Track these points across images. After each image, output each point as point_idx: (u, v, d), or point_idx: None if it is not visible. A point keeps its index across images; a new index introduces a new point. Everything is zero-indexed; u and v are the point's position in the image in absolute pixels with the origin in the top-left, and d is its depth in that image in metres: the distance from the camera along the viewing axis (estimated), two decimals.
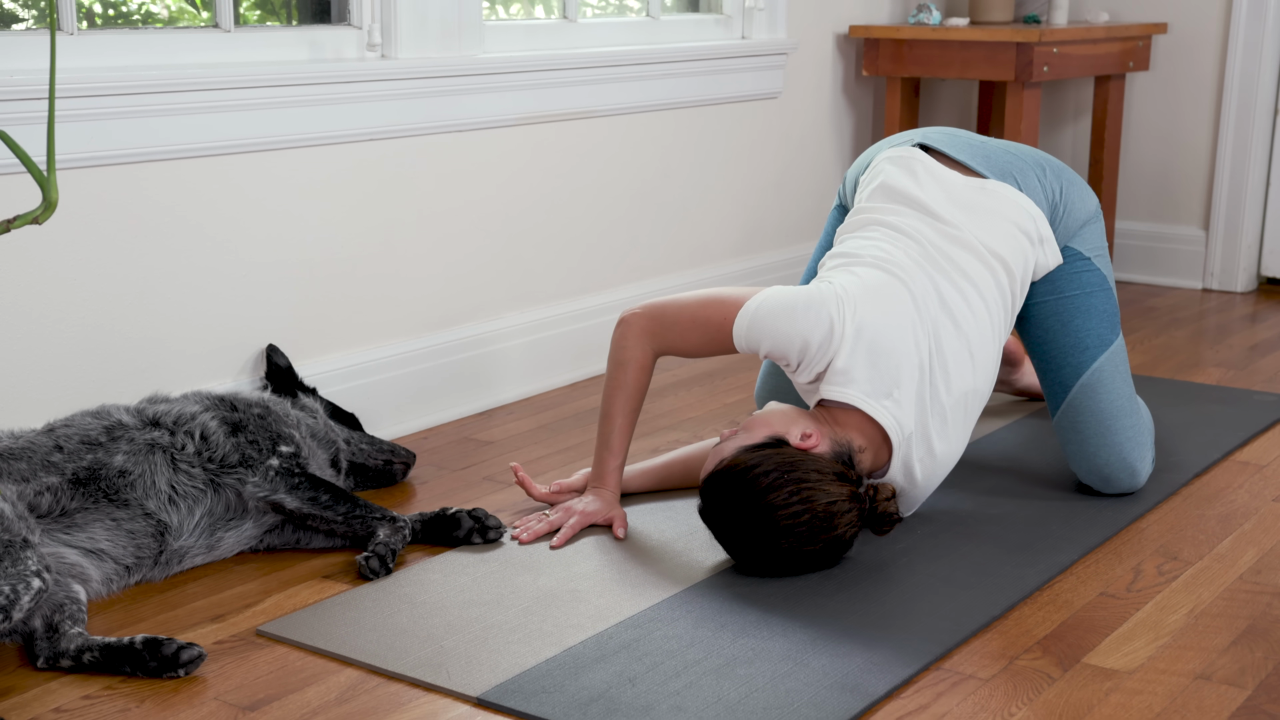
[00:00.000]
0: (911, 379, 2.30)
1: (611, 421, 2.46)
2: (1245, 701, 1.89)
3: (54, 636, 1.99)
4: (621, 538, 2.41)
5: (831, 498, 2.19)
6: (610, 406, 2.46)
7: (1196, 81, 4.38)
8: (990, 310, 2.42)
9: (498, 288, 3.22)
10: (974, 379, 2.38)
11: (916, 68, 4.08)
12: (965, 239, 2.44)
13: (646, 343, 2.45)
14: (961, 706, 1.87)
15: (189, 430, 2.32)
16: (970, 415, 2.40)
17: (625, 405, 2.45)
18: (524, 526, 2.42)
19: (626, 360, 2.45)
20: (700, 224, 3.78)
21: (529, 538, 2.39)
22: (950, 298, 2.38)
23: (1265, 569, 2.31)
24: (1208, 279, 4.43)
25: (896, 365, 2.29)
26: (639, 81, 3.48)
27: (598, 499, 2.46)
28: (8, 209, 2.34)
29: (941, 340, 2.35)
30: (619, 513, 2.46)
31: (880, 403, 2.28)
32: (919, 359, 2.31)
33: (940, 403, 2.34)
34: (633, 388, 2.45)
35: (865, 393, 2.28)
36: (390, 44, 2.92)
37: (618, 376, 2.46)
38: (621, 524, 2.43)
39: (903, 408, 2.29)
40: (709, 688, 1.90)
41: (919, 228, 2.45)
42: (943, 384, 2.34)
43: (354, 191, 2.88)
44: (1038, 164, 2.61)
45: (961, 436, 2.39)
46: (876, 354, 2.28)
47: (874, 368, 2.28)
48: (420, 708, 1.88)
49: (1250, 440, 2.95)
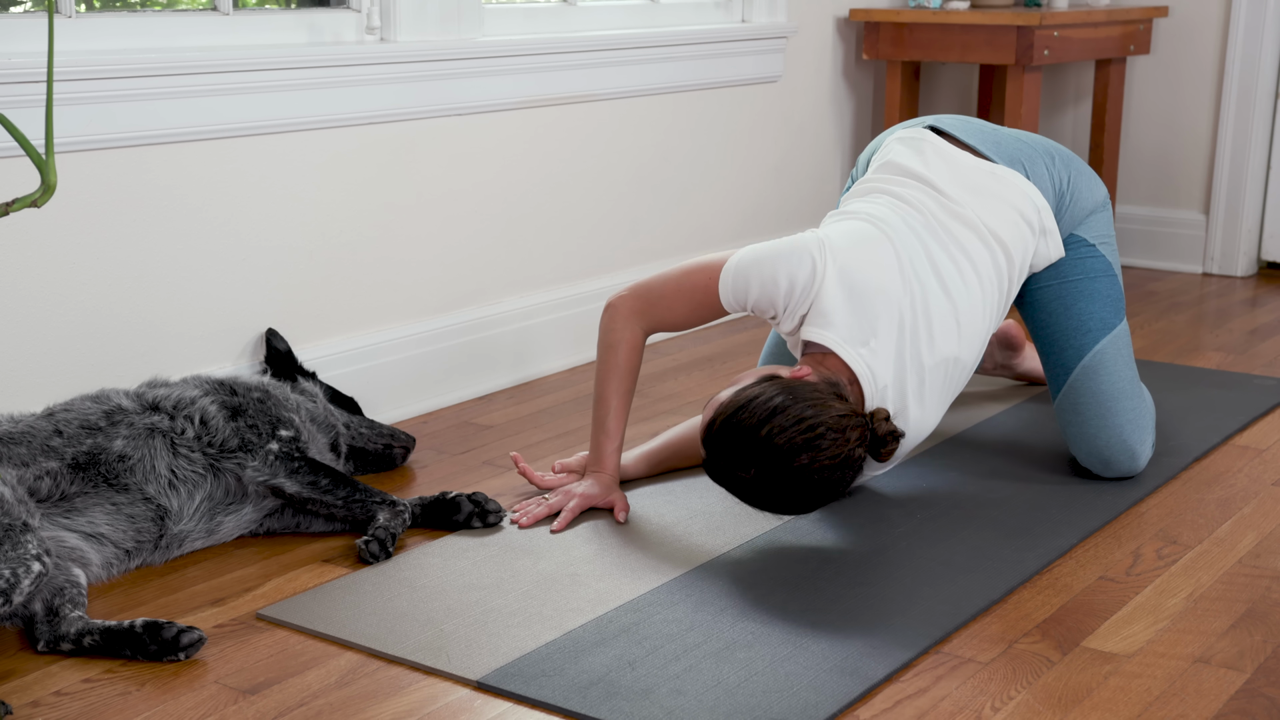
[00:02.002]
0: (890, 331, 2.31)
1: (606, 404, 2.46)
2: (1244, 685, 1.89)
3: (54, 620, 1.99)
4: (623, 521, 2.41)
5: (839, 411, 2.19)
6: (604, 389, 2.46)
7: (1197, 65, 4.37)
8: (984, 288, 2.41)
9: (497, 272, 3.21)
10: (958, 347, 2.37)
11: (917, 51, 4.08)
12: (967, 216, 2.45)
13: (635, 322, 2.45)
14: (961, 690, 1.88)
15: (189, 415, 2.32)
16: (950, 385, 2.39)
17: (619, 387, 2.45)
18: (523, 511, 2.42)
19: (616, 342, 2.45)
20: (700, 208, 3.77)
21: (529, 522, 2.39)
22: (942, 263, 2.39)
23: (1264, 553, 2.31)
24: (1208, 263, 4.43)
25: (874, 313, 2.30)
26: (639, 65, 3.47)
27: (597, 482, 2.46)
28: (6, 192, 2.33)
29: (929, 301, 2.35)
30: (619, 496, 2.46)
31: (856, 349, 2.29)
32: (899, 313, 2.31)
33: (921, 362, 2.33)
34: (625, 369, 2.45)
35: (843, 337, 2.29)
36: (389, 27, 2.91)
37: (609, 359, 2.46)
38: (623, 507, 2.43)
39: (879, 357, 2.29)
40: (708, 671, 1.91)
41: (922, 199, 2.47)
42: (925, 344, 2.33)
43: (353, 175, 2.87)
44: (1047, 153, 2.63)
45: (937, 405, 2.38)
46: (855, 297, 2.30)
47: (852, 313, 2.29)
48: (420, 691, 1.88)
49: (1250, 424, 2.95)
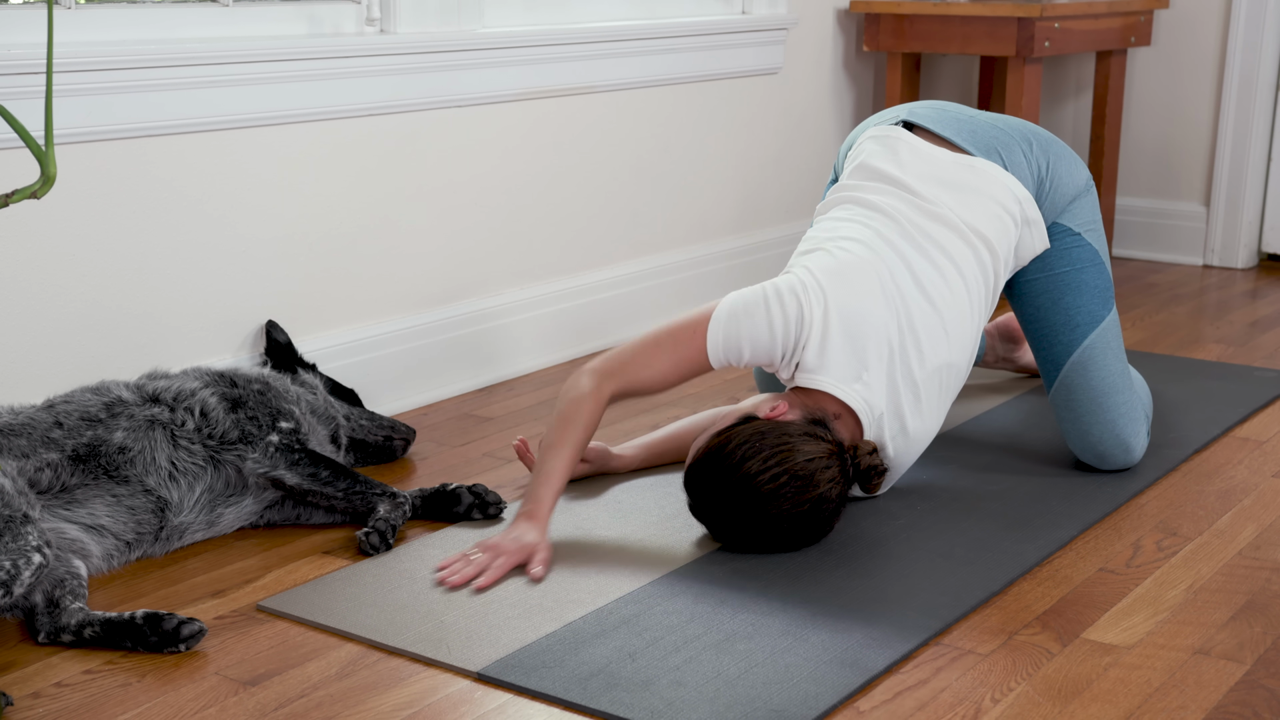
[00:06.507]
0: (880, 359, 2.30)
1: (556, 451, 2.26)
2: (1244, 676, 1.89)
3: (55, 611, 1.99)
4: (539, 577, 2.16)
5: (808, 455, 2.19)
6: (557, 436, 2.27)
7: (1198, 56, 4.37)
8: (969, 287, 2.40)
9: (497, 263, 3.21)
10: (949, 353, 2.37)
11: (917, 43, 4.07)
12: (944, 215, 2.42)
13: (603, 381, 2.30)
14: (960, 681, 1.88)
15: (189, 406, 2.32)
16: (946, 391, 2.39)
17: (574, 437, 2.27)
18: (451, 569, 2.17)
19: (580, 397, 2.28)
20: (699, 199, 3.77)
21: (459, 580, 2.14)
22: (923, 272, 2.37)
23: (1264, 544, 2.31)
24: (1208, 255, 4.43)
25: (864, 346, 2.28)
26: (639, 57, 3.47)
27: (528, 531, 2.22)
28: (6, 184, 2.33)
29: (913, 315, 2.34)
30: (545, 547, 2.22)
31: (851, 386, 2.28)
32: (886, 337, 2.30)
33: (913, 377, 2.33)
34: (585, 422, 2.28)
35: (837, 378, 2.28)
36: (389, 18, 2.91)
37: (568, 410, 2.28)
38: (543, 561, 2.19)
39: (872, 390, 2.29)
40: (708, 663, 1.91)
41: (895, 204, 2.44)
42: (915, 358, 2.33)
43: (353, 167, 2.87)
44: (1024, 138, 2.58)
45: (936, 413, 2.39)
46: (845, 336, 2.28)
47: (842, 351, 2.28)
48: (420, 683, 1.88)
49: (1250, 416, 2.95)
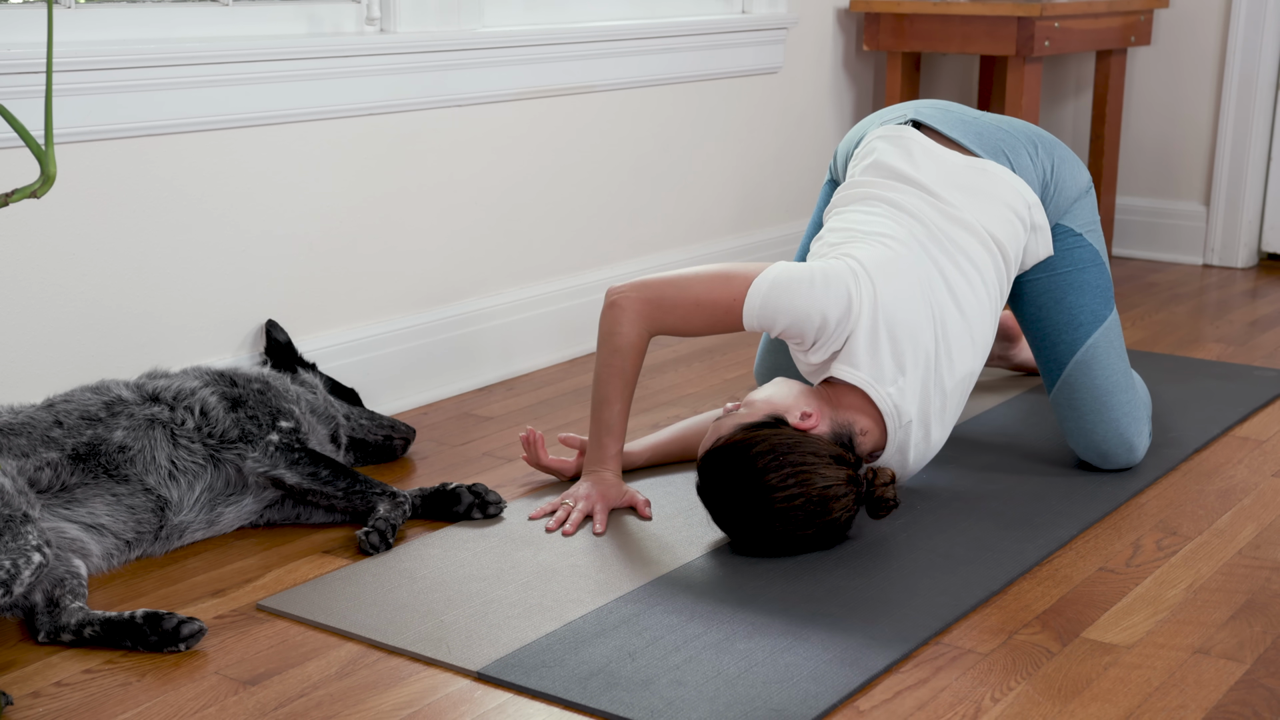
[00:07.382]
0: (917, 365, 2.28)
1: (610, 406, 2.40)
2: (1244, 675, 1.89)
3: (55, 611, 1.99)
4: (649, 517, 2.39)
5: (828, 481, 2.18)
6: (608, 391, 2.40)
7: (1198, 56, 4.37)
8: (989, 293, 2.40)
9: (497, 263, 3.21)
10: (974, 361, 2.37)
11: (917, 42, 4.07)
12: (965, 219, 2.41)
13: (642, 325, 2.38)
14: (960, 681, 1.88)
15: (189, 405, 2.32)
16: (965, 398, 2.40)
17: (624, 390, 2.40)
18: (561, 514, 2.36)
19: (622, 346, 2.38)
20: (699, 199, 3.77)
21: (573, 528, 2.32)
22: (954, 280, 2.36)
23: (1264, 544, 2.31)
24: (1208, 254, 4.43)
25: (903, 350, 2.27)
26: (639, 56, 3.47)
27: (603, 481, 2.42)
28: (6, 183, 2.33)
29: (948, 324, 2.33)
30: (634, 492, 2.43)
31: (885, 388, 2.27)
32: (925, 347, 2.29)
33: (943, 386, 2.33)
34: (630, 373, 2.39)
35: (874, 376, 2.26)
36: (389, 18, 2.91)
37: (613, 362, 2.39)
38: (645, 504, 2.41)
39: (905, 395, 2.28)
40: (708, 662, 1.91)
41: (920, 206, 2.42)
42: (947, 368, 2.33)
43: (353, 166, 2.87)
44: (1030, 140, 2.58)
45: (954, 420, 2.40)
46: (889, 337, 2.27)
47: (886, 350, 2.26)
48: (420, 682, 1.88)
49: (1250, 416, 2.95)
